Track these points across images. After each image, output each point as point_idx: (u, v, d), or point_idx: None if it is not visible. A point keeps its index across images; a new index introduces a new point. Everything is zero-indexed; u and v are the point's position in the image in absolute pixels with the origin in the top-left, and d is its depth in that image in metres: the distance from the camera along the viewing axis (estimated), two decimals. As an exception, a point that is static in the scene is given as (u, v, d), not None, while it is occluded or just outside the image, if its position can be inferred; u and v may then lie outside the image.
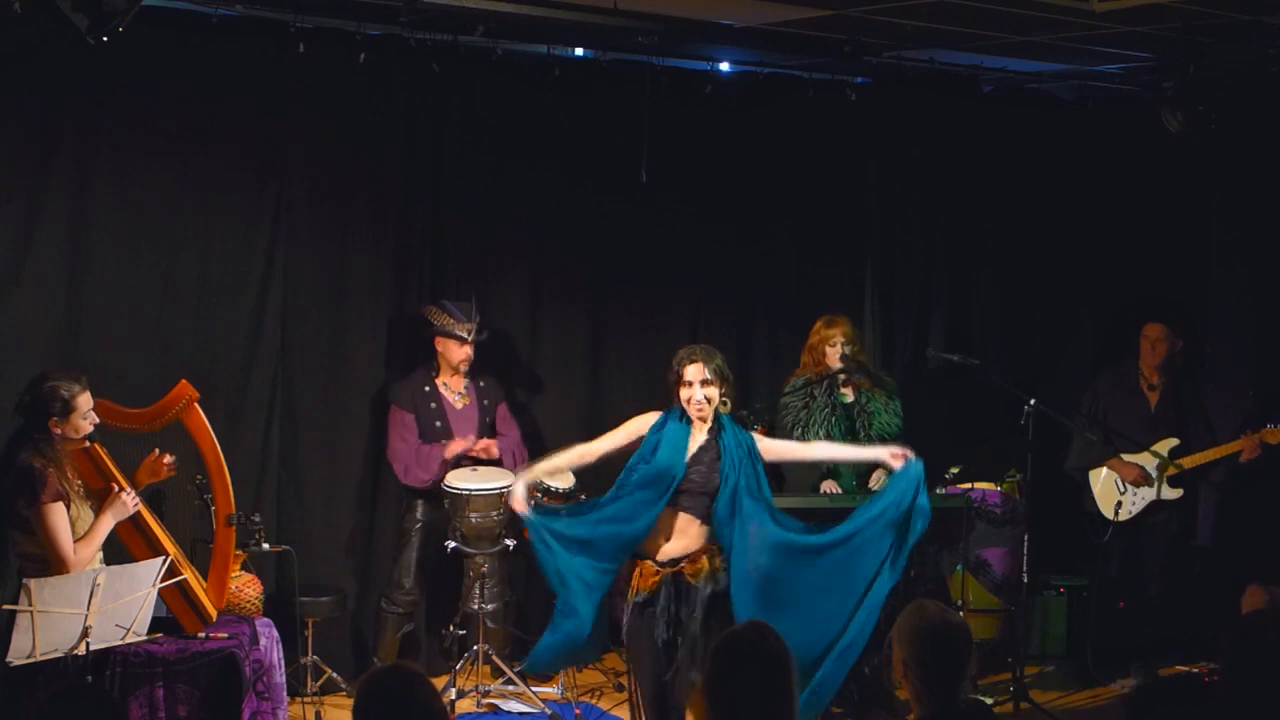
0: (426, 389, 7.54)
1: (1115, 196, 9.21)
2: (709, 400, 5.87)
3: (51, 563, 5.63)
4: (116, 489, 5.85)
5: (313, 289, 7.57)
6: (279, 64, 7.14)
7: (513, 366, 8.14)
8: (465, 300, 7.57)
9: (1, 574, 6.02)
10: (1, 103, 6.74)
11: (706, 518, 5.86)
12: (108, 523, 5.80)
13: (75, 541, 5.68)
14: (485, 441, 7.55)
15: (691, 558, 5.84)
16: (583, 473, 7.88)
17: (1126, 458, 7.88)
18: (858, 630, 5.82)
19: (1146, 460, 7.85)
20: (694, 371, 5.87)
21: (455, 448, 7.45)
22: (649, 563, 5.84)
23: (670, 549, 5.85)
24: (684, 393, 5.88)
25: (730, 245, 8.64)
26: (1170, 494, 7.87)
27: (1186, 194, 9.02)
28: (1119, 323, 8.66)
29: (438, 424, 7.49)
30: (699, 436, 5.90)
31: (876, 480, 7.48)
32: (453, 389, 7.59)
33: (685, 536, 5.86)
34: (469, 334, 7.47)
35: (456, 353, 7.50)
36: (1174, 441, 7.87)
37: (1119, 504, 7.91)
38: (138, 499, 5.90)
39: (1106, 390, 8.10)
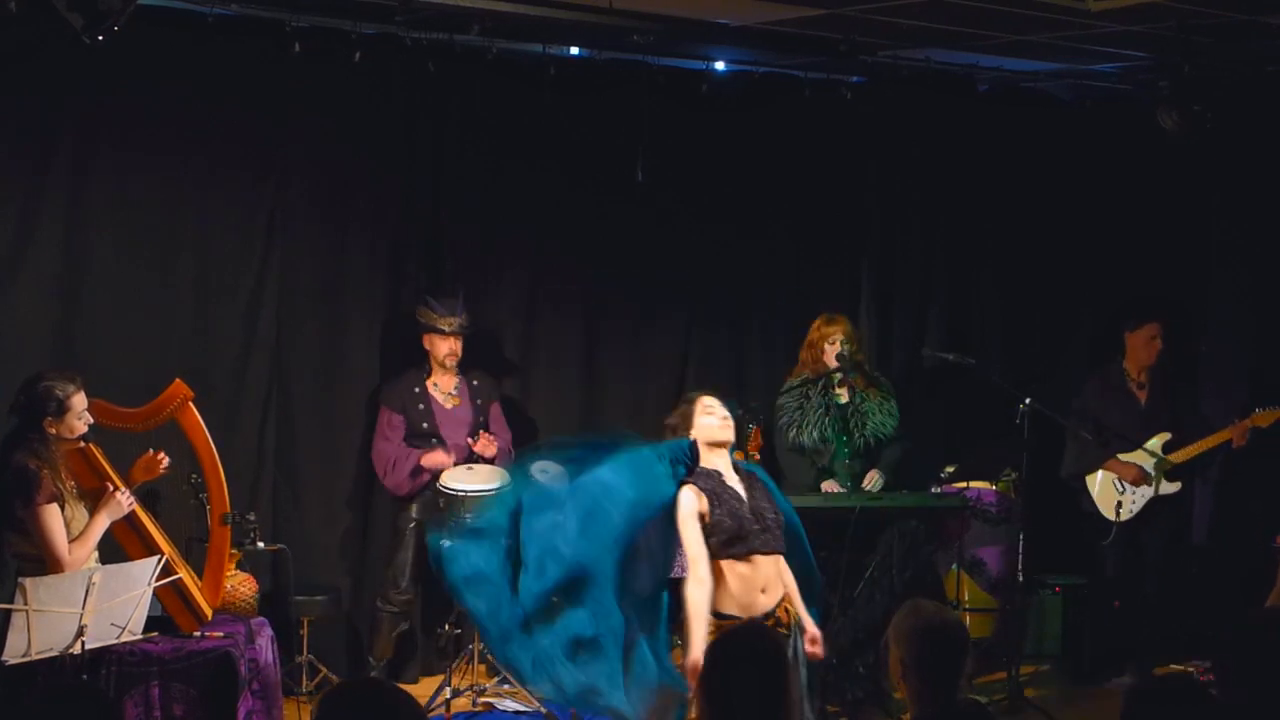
0: (416, 389, 7.53)
1: (1113, 196, 9.21)
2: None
3: (47, 563, 5.62)
4: (111, 488, 5.84)
5: (309, 288, 7.57)
6: (276, 63, 7.13)
7: (509, 365, 8.13)
8: (451, 296, 7.57)
9: (-1, 574, 6.03)
10: (-1, 102, 6.75)
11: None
12: (103, 522, 5.79)
13: (70, 542, 5.67)
14: (484, 439, 7.53)
15: (781, 603, 5.52)
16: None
17: (1123, 457, 7.89)
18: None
19: (1141, 458, 7.86)
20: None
21: (432, 460, 7.38)
22: None
23: (766, 601, 5.42)
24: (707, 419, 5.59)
25: (727, 244, 8.63)
26: (1169, 488, 7.88)
27: (1185, 193, 9.02)
28: (1119, 323, 8.67)
29: (424, 425, 7.48)
30: (731, 474, 5.61)
31: (870, 480, 7.49)
32: (442, 389, 7.57)
33: (778, 582, 5.51)
34: (450, 327, 7.45)
35: (441, 346, 7.49)
36: (1166, 436, 7.88)
37: (1119, 504, 7.91)
38: (133, 498, 5.89)
39: (1095, 396, 8.08)
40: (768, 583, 5.48)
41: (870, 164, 8.95)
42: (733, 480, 5.58)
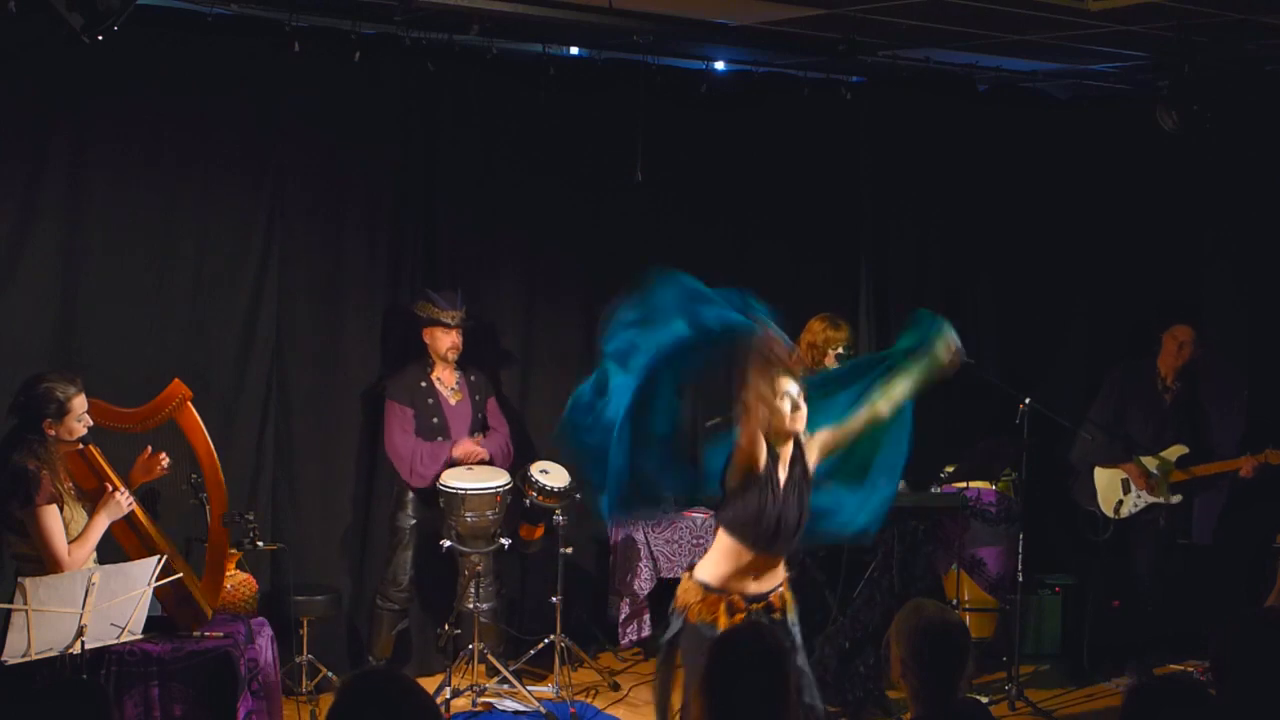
0: (423, 384, 7.53)
1: (1111, 195, 9.22)
2: None
3: (46, 564, 5.61)
4: (110, 489, 5.83)
5: (307, 287, 7.57)
6: (274, 63, 7.14)
7: (506, 364, 8.13)
8: (451, 290, 7.57)
9: (-2, 574, 6.02)
10: (-3, 101, 6.74)
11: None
12: (102, 523, 5.78)
13: (70, 543, 5.67)
14: (477, 449, 7.53)
15: (777, 590, 5.49)
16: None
17: (1145, 461, 7.87)
18: None
19: (1154, 464, 7.86)
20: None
21: (462, 449, 7.44)
22: (736, 598, 5.33)
23: (759, 586, 5.43)
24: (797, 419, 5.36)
25: (725, 244, 8.63)
26: (1170, 499, 7.88)
27: (1182, 193, 9.01)
28: (1118, 322, 8.64)
29: (434, 420, 7.49)
30: (785, 466, 5.41)
31: None
32: (446, 384, 7.59)
33: (775, 574, 5.48)
34: (453, 320, 7.46)
35: (443, 340, 7.50)
36: (1183, 449, 7.87)
37: (1120, 503, 7.92)
38: (132, 499, 5.88)
39: (1127, 385, 8.06)
40: (761, 571, 5.43)
41: (869, 163, 8.96)
42: (783, 472, 5.38)
